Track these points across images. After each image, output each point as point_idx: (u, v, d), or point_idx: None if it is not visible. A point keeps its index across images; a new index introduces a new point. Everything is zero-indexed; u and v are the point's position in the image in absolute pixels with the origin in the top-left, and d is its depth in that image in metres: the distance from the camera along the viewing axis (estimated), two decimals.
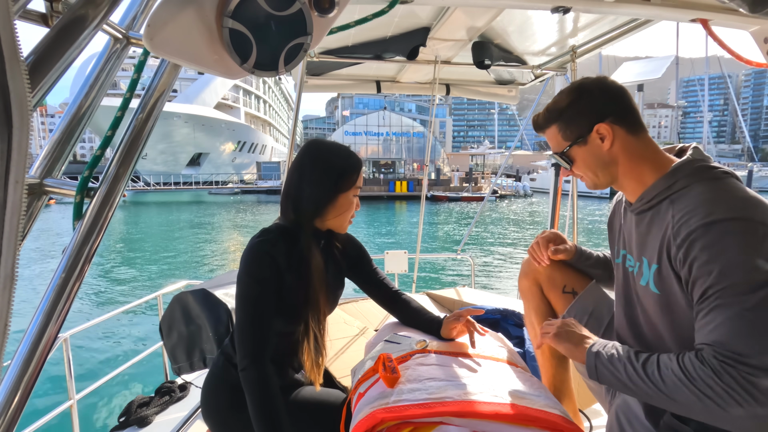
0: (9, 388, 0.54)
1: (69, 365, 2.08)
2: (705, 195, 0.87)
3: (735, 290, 0.79)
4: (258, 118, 52.93)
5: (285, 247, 1.15)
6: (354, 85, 3.08)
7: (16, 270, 0.42)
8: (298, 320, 1.19)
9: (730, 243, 0.80)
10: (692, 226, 0.84)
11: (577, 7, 1.38)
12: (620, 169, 1.02)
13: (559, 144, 1.07)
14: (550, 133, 1.08)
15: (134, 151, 0.69)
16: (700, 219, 0.84)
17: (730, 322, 0.79)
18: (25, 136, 0.40)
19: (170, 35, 0.55)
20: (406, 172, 38.82)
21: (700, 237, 0.83)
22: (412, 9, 1.97)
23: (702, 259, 0.82)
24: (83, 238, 0.63)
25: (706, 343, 0.82)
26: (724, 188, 0.87)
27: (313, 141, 1.26)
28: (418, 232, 3.70)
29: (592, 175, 1.05)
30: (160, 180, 37.51)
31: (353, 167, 1.23)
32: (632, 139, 1.00)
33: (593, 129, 1.00)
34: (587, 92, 1.02)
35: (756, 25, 1.33)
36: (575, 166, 1.06)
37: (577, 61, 2.53)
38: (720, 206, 0.83)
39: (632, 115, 1.00)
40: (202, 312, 1.83)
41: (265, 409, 1.04)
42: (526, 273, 1.42)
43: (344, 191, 1.21)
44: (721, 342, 0.79)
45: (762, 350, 0.76)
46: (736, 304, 0.79)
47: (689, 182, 0.91)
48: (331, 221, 1.24)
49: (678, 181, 0.93)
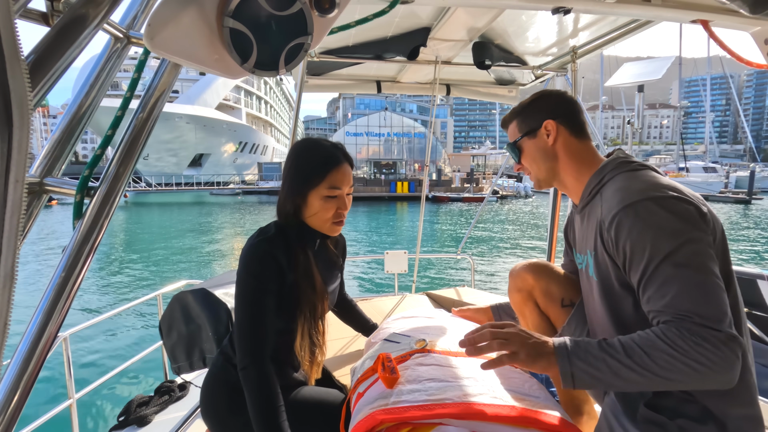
0: (8, 387, 0.54)
1: (69, 364, 2.09)
2: (624, 183, 0.98)
3: (671, 259, 0.85)
4: (259, 119, 52.99)
5: (284, 245, 1.16)
6: (354, 85, 3.09)
7: (16, 269, 0.42)
8: (296, 318, 1.19)
9: (649, 220, 0.89)
10: (614, 210, 0.94)
11: (577, 7, 1.37)
12: (560, 165, 1.15)
13: (514, 136, 1.21)
14: (511, 128, 1.23)
15: (134, 151, 0.69)
16: (620, 202, 0.94)
17: (686, 290, 0.83)
18: (25, 136, 0.40)
19: (171, 35, 0.55)
20: (407, 173, 38.81)
21: (623, 219, 0.92)
22: (412, 9, 1.97)
23: (631, 238, 0.90)
24: (83, 238, 0.63)
25: (676, 315, 0.84)
26: (640, 177, 0.98)
27: (299, 140, 1.26)
28: (418, 232, 3.70)
29: (536, 168, 1.17)
30: (162, 181, 37.56)
31: (324, 165, 1.18)
32: (574, 141, 1.14)
33: (542, 124, 1.14)
34: (546, 96, 1.19)
35: (756, 26, 1.33)
36: (523, 157, 1.20)
37: (578, 62, 2.53)
38: (636, 190, 0.93)
39: (579, 122, 1.15)
40: (202, 312, 1.83)
41: (264, 408, 1.04)
42: (518, 288, 1.35)
43: (312, 189, 1.18)
44: (690, 310, 0.83)
45: (716, 306, 0.82)
46: (681, 270, 0.84)
47: (613, 175, 1.04)
48: (310, 220, 1.22)
49: (605, 176, 1.06)
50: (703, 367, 0.79)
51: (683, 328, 0.81)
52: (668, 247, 0.85)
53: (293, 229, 1.20)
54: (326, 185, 1.17)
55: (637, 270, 0.90)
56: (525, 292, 1.33)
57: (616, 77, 22.68)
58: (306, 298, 1.18)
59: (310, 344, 1.22)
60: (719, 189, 34.36)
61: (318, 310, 1.22)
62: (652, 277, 0.87)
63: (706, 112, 51.76)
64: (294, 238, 1.19)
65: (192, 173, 40.52)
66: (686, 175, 38.42)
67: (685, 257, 0.84)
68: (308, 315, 1.20)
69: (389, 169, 38.75)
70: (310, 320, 1.21)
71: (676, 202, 0.89)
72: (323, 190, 1.18)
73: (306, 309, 1.19)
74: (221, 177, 42.74)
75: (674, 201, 0.89)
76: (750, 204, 30.18)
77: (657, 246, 0.86)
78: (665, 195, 0.90)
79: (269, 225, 1.22)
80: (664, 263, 0.85)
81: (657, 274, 0.86)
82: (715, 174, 37.92)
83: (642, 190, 0.93)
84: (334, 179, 1.18)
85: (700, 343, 0.79)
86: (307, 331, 1.21)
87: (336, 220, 1.22)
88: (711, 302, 0.82)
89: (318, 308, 1.22)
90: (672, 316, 0.84)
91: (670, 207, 0.89)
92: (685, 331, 0.81)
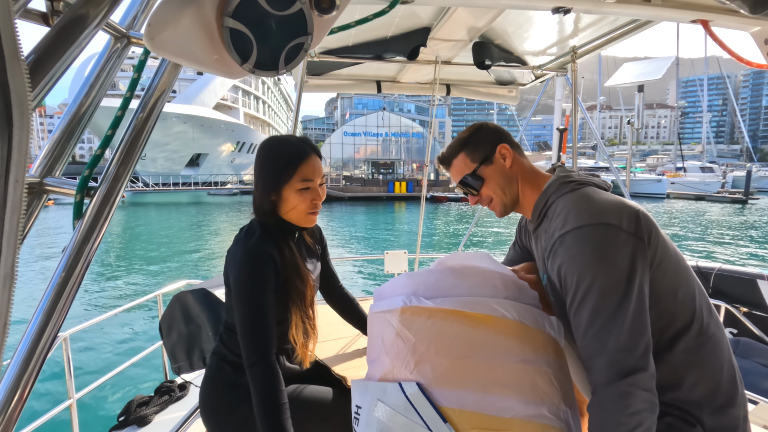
0: (9, 387, 0.54)
1: (69, 364, 2.08)
2: (564, 208, 0.99)
3: (597, 292, 0.88)
4: (257, 119, 52.90)
5: (273, 242, 1.20)
6: (354, 85, 3.08)
7: (15, 269, 0.42)
8: (288, 308, 1.24)
9: (582, 249, 0.91)
10: (554, 237, 0.97)
11: (577, 7, 1.38)
12: (520, 186, 1.15)
13: (468, 167, 1.17)
14: (458, 162, 1.19)
15: (134, 151, 0.68)
16: (559, 230, 0.96)
17: (600, 326, 0.87)
18: (25, 136, 0.40)
19: (171, 35, 0.55)
20: (405, 173, 38.80)
21: (559, 246, 0.95)
22: (412, 9, 1.97)
23: (564, 265, 0.93)
24: (83, 238, 0.63)
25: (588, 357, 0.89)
26: (579, 199, 0.99)
27: (265, 139, 1.29)
28: (418, 232, 3.70)
29: (501, 193, 1.15)
30: (159, 181, 37.47)
31: (294, 159, 1.21)
32: (522, 161, 1.16)
33: (496, 149, 1.14)
34: (483, 127, 1.19)
35: (756, 26, 1.33)
36: (485, 186, 1.15)
37: (577, 63, 2.53)
38: (573, 217, 0.95)
39: (516, 144, 1.18)
40: (202, 311, 1.83)
41: (270, 404, 1.06)
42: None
43: (285, 184, 1.21)
44: (598, 349, 0.87)
45: (634, 347, 0.84)
46: (601, 305, 0.87)
47: (555, 198, 1.05)
48: (288, 215, 1.25)
49: (548, 198, 1.07)
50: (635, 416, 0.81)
51: (606, 390, 0.85)
52: (587, 280, 0.89)
53: (273, 225, 1.24)
54: (298, 178, 1.21)
55: (568, 296, 0.94)
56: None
57: (616, 77, 22.68)
58: (295, 288, 1.23)
59: (303, 331, 1.27)
60: (717, 189, 34.43)
61: (307, 299, 1.27)
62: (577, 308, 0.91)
63: (704, 112, 51.89)
64: (277, 234, 1.23)
65: (189, 173, 40.44)
66: (684, 174, 38.50)
67: (598, 296, 0.87)
68: (299, 304, 1.25)
69: (387, 169, 38.74)
70: (302, 308, 1.26)
71: (597, 229, 0.91)
72: (296, 183, 1.21)
73: (297, 299, 1.24)
74: (219, 177, 42.67)
75: (595, 229, 0.91)
76: (746, 204, 30.27)
77: (581, 276, 0.90)
78: (590, 223, 0.92)
79: (252, 225, 1.24)
80: (584, 296, 0.89)
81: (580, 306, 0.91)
82: (712, 174, 38.03)
83: (576, 217, 0.94)
84: (305, 172, 1.21)
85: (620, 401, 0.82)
86: (300, 320, 1.26)
87: (311, 211, 1.25)
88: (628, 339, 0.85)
89: (307, 296, 1.27)
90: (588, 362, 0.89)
91: (591, 237, 0.91)
92: (609, 394, 0.84)
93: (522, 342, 0.96)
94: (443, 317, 0.96)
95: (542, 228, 1.09)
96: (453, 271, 1.06)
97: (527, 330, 0.98)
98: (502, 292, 1.03)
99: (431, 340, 0.95)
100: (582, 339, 0.90)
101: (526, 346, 0.96)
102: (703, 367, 0.93)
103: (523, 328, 0.97)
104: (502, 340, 0.96)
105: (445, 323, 0.96)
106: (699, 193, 33.85)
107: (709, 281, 3.29)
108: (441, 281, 1.04)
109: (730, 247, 14.61)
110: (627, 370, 0.83)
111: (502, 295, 1.03)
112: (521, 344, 0.96)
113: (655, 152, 64.84)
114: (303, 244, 1.37)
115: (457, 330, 0.96)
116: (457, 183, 1.20)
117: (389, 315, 1.01)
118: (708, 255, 13.33)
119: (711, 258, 12.68)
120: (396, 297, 1.03)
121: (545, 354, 0.97)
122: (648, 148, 73.55)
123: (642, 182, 35.46)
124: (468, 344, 0.95)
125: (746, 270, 3.16)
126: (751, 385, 2.21)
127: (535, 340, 0.98)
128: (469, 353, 0.94)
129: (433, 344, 0.95)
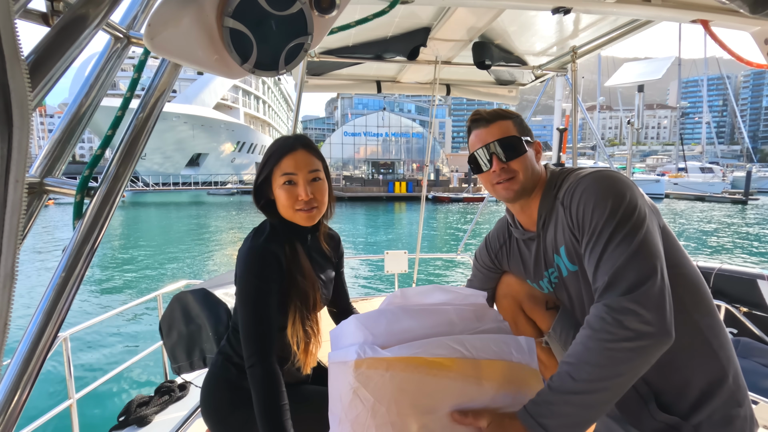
0: (9, 387, 0.54)
1: (69, 364, 2.08)
2: (579, 173, 1.06)
3: (616, 228, 0.91)
4: (257, 119, 52.91)
5: (280, 242, 1.19)
6: (354, 85, 3.08)
7: (16, 269, 0.42)
8: (288, 309, 1.21)
9: (601, 184, 0.97)
10: (568, 186, 1.05)
11: (577, 7, 1.38)
12: (539, 184, 1.16)
13: (514, 133, 1.15)
14: (504, 125, 1.15)
15: (134, 151, 0.68)
16: (573, 179, 1.04)
17: (615, 246, 0.90)
18: (25, 136, 0.40)
19: (171, 35, 0.55)
20: (405, 173, 38.77)
21: (577, 185, 1.01)
22: (412, 9, 1.97)
23: (583, 196, 0.98)
24: (83, 238, 0.63)
25: (599, 288, 0.91)
26: (583, 169, 1.08)
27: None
28: (418, 232, 3.70)
29: (528, 173, 1.13)
30: (159, 180, 37.47)
31: (275, 154, 1.19)
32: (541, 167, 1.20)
33: (534, 141, 1.17)
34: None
35: (756, 26, 1.33)
36: (519, 159, 1.12)
37: (577, 63, 2.53)
38: (590, 170, 1.04)
39: None
40: (202, 311, 1.83)
41: (269, 406, 1.06)
42: (504, 293, 1.34)
43: (271, 180, 1.20)
44: (610, 282, 0.88)
45: (636, 277, 0.86)
46: (616, 238, 0.90)
47: (560, 179, 1.11)
48: (282, 213, 1.22)
49: (555, 185, 1.12)
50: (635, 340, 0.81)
51: (602, 310, 0.85)
52: (606, 207, 0.94)
53: (280, 225, 1.23)
54: (279, 173, 1.18)
55: (584, 236, 0.98)
56: (511, 298, 1.32)
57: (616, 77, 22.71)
58: (295, 284, 1.18)
59: (304, 334, 1.21)
60: (720, 190, 34.41)
61: (310, 299, 1.21)
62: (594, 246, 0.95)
63: (704, 113, 51.87)
64: (286, 234, 1.22)
65: (190, 173, 40.43)
66: (686, 175, 38.48)
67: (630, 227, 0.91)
68: (299, 304, 1.19)
69: (387, 169, 38.72)
70: (302, 309, 1.20)
71: (614, 174, 0.99)
72: (278, 179, 1.19)
73: (296, 297, 1.19)
74: (219, 177, 42.67)
75: (613, 173, 0.99)
76: (746, 204, 30.26)
77: (596, 205, 0.95)
78: (607, 171, 1.00)
79: (263, 224, 1.24)
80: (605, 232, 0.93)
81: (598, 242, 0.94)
82: (713, 174, 38.02)
83: (596, 170, 1.03)
84: (286, 166, 1.18)
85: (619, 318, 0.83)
86: (299, 319, 1.19)
87: (298, 208, 1.19)
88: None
89: (310, 296, 1.21)
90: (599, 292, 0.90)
91: (609, 176, 0.99)
92: (604, 314, 0.85)
93: (488, 381, 0.92)
94: (402, 368, 0.89)
95: (554, 213, 1.10)
96: (405, 311, 1.00)
97: (491, 366, 0.93)
98: (458, 326, 0.99)
99: (391, 398, 0.88)
100: (600, 265, 0.91)
101: (491, 384, 0.92)
102: (709, 359, 0.94)
103: (487, 365, 0.93)
104: (466, 386, 0.91)
105: (404, 375, 0.89)
106: (701, 193, 33.83)
107: (709, 281, 3.29)
108: (393, 324, 0.97)
109: (730, 247, 14.61)
110: (635, 284, 0.85)
111: (458, 330, 0.98)
112: (486, 384, 0.92)
113: (655, 153, 64.83)
114: (317, 248, 1.34)
115: (417, 382, 0.89)
116: (493, 141, 1.12)
117: (345, 368, 0.93)
118: (708, 255, 13.33)
119: (711, 257, 12.69)
120: (349, 347, 0.94)
121: (513, 387, 0.94)
122: (648, 149, 73.59)
123: (641, 182, 35.42)
124: (430, 397, 0.89)
125: (746, 270, 3.16)
126: (751, 385, 2.20)
127: (500, 375, 0.93)
128: (433, 406, 0.89)
129: (393, 404, 0.88)
